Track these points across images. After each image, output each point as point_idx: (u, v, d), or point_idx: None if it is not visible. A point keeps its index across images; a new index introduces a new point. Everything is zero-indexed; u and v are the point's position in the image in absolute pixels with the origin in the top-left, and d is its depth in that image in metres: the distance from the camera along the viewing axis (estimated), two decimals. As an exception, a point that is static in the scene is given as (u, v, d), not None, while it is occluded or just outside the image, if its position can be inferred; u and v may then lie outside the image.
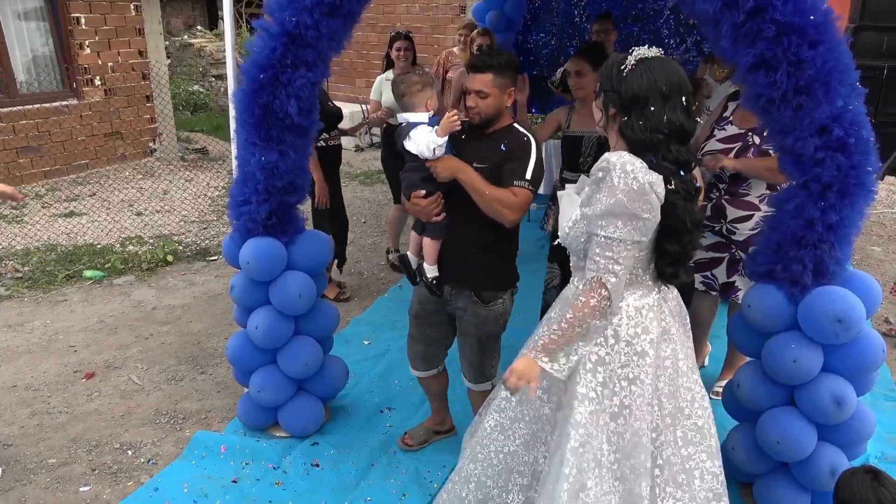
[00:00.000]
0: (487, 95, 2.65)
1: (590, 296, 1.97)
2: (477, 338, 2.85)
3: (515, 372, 2.02)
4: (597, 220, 1.95)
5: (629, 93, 1.96)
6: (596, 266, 1.96)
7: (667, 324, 2.13)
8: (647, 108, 1.94)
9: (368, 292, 5.10)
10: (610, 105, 2.03)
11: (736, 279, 3.41)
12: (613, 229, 1.92)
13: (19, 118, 7.39)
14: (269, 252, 3.04)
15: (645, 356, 2.05)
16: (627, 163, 1.91)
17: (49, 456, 3.21)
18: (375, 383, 3.84)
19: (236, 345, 3.26)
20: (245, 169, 3.04)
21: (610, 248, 1.94)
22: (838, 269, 2.49)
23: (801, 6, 2.22)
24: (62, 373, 3.93)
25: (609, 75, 2.01)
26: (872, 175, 2.37)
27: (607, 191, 1.92)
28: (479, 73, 2.66)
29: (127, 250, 5.78)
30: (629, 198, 1.89)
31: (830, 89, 2.27)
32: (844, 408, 2.46)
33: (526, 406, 2.28)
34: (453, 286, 2.83)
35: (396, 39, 5.04)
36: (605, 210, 1.92)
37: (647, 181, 1.90)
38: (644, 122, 1.95)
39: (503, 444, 2.34)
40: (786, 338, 2.51)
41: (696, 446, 2.13)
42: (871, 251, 6.00)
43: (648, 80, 1.94)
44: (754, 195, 3.26)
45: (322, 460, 3.18)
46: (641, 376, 2.05)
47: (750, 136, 3.22)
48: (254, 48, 2.85)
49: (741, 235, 3.31)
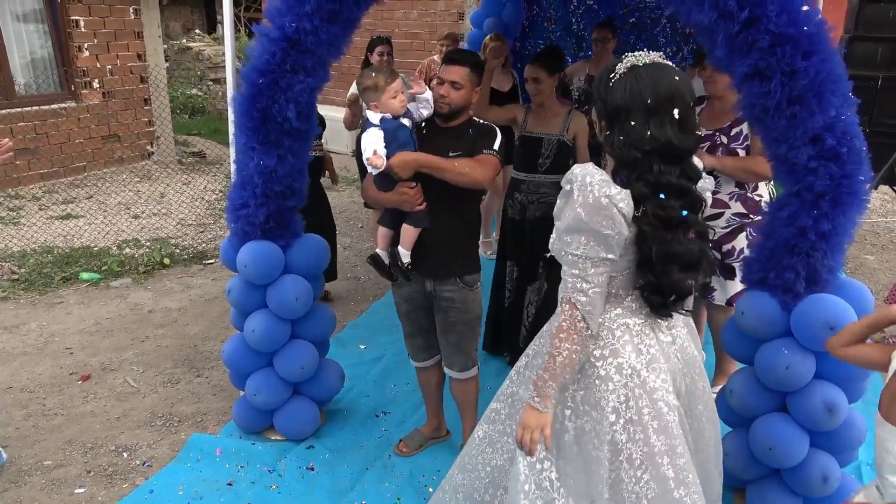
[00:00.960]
0: (462, 87, 2.78)
1: (561, 318, 1.86)
2: (467, 322, 2.95)
3: (527, 428, 1.88)
4: (563, 236, 1.86)
5: (612, 104, 1.84)
6: (564, 286, 1.86)
7: (654, 351, 1.96)
8: (628, 123, 1.81)
9: (364, 297, 5.11)
10: (598, 116, 1.93)
11: (711, 279, 3.43)
12: (577, 246, 1.82)
13: (17, 120, 7.39)
14: (267, 255, 3.06)
15: (608, 381, 1.92)
16: (587, 175, 1.81)
17: (44, 458, 3.21)
18: (371, 387, 3.85)
19: (233, 348, 3.27)
20: (243, 173, 3.06)
21: (576, 265, 1.83)
22: (831, 277, 2.52)
23: (795, 17, 2.25)
24: (58, 375, 3.93)
25: (598, 84, 1.90)
26: (865, 184, 2.40)
27: (570, 205, 1.83)
28: (456, 66, 2.80)
29: (124, 253, 5.78)
30: (586, 212, 1.78)
31: (824, 99, 2.30)
32: (836, 414, 2.48)
33: (515, 421, 2.20)
34: (438, 276, 2.88)
35: (378, 44, 5.10)
36: (567, 225, 1.83)
37: (602, 194, 1.77)
38: (624, 137, 1.81)
39: (490, 457, 2.30)
40: (778, 345, 2.53)
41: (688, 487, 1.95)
42: (865, 260, 6.04)
43: (632, 92, 1.80)
44: (724, 193, 3.31)
45: (317, 463, 3.19)
46: (602, 402, 1.92)
47: (718, 136, 3.29)
48: (253, 53, 2.87)
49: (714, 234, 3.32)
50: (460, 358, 3.01)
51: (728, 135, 3.26)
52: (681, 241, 1.86)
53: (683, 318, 2.08)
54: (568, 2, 6.61)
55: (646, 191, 1.81)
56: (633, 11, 6.38)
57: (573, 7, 6.62)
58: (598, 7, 6.55)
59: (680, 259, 1.87)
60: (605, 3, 6.50)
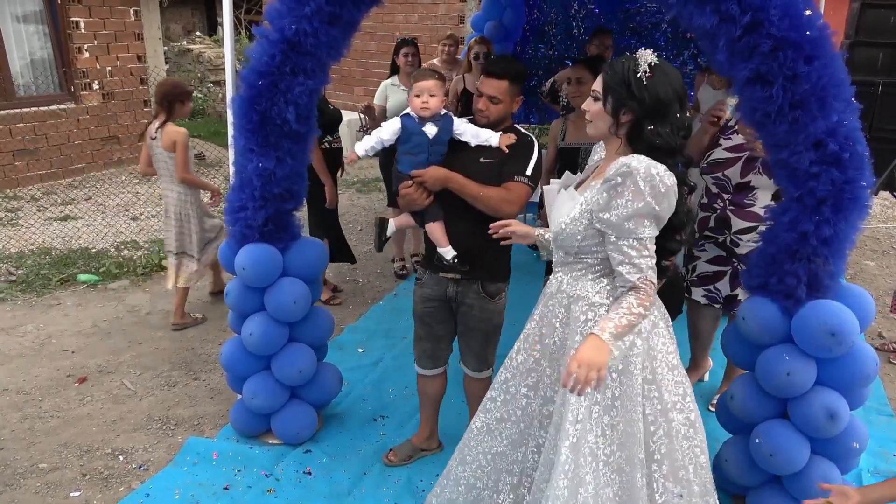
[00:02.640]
0: (500, 102, 2.72)
1: (649, 292, 1.97)
2: (484, 332, 2.92)
3: (584, 363, 1.85)
4: (624, 224, 1.95)
5: (654, 100, 1.96)
6: (638, 268, 1.96)
7: (655, 317, 2.13)
8: (672, 114, 1.98)
9: (363, 300, 5.10)
10: (623, 111, 2.00)
11: (739, 292, 3.40)
12: (642, 230, 1.95)
13: (16, 121, 7.39)
14: (265, 258, 3.04)
15: (633, 347, 2.05)
16: (651, 166, 1.93)
17: (40, 460, 3.19)
18: (369, 391, 3.83)
19: (230, 351, 3.25)
20: (242, 175, 3.04)
21: (644, 247, 1.97)
22: (832, 282, 2.50)
23: (797, 21, 2.24)
24: (55, 377, 3.91)
25: (625, 81, 1.98)
26: (867, 190, 2.39)
27: (632, 195, 1.92)
28: (495, 79, 2.71)
29: (122, 255, 5.77)
30: (657, 200, 1.92)
31: (826, 104, 2.29)
32: (837, 421, 2.47)
33: (512, 405, 2.29)
34: (459, 284, 2.85)
35: (403, 45, 5.11)
36: (632, 213, 1.93)
37: (672, 184, 1.95)
38: (671, 127, 1.98)
39: (490, 445, 2.34)
40: (779, 351, 2.51)
41: (690, 441, 2.14)
42: (865, 265, 6.03)
43: (672, 86, 1.97)
44: (759, 206, 3.25)
45: (314, 468, 3.17)
46: (630, 367, 2.05)
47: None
48: (253, 55, 2.86)
49: (745, 248, 3.27)
50: (474, 359, 3.00)
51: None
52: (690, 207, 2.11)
53: None
54: (568, 6, 6.62)
55: (683, 169, 2.03)
56: (634, 16, 6.40)
57: (574, 11, 6.63)
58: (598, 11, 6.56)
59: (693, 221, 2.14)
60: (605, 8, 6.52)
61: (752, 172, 3.21)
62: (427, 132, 2.73)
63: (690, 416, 2.14)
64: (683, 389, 2.14)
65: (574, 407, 2.03)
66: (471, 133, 2.75)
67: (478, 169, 2.72)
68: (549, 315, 2.22)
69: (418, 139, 2.73)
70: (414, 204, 2.76)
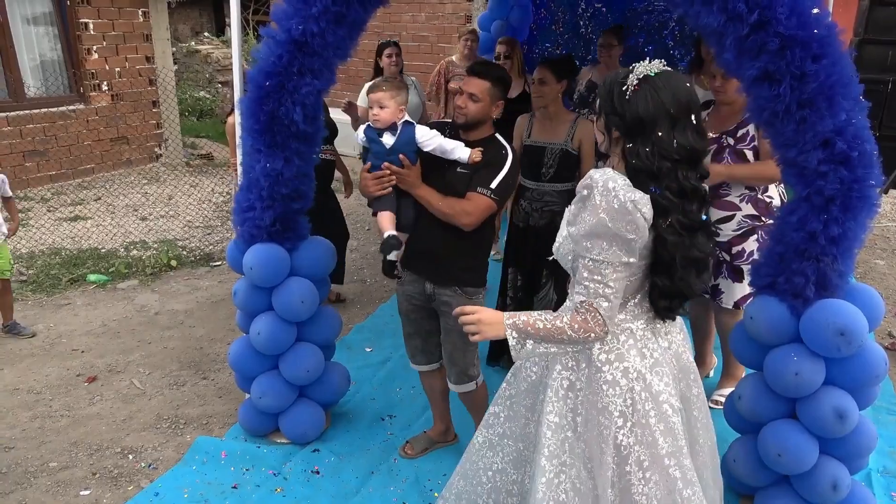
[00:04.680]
0: (479, 101, 2.76)
1: (580, 318, 1.85)
2: (461, 332, 2.86)
3: (481, 320, 1.94)
4: (582, 241, 1.84)
5: (634, 117, 1.81)
6: (586, 291, 1.85)
7: (657, 355, 1.98)
8: (655, 134, 1.80)
9: (371, 299, 5.11)
10: (612, 129, 1.89)
11: (720, 282, 3.41)
12: (598, 251, 1.81)
13: (26, 122, 7.43)
14: (272, 258, 3.05)
15: (615, 385, 1.92)
16: (609, 180, 1.80)
17: (50, 459, 3.21)
18: (377, 390, 3.84)
19: (238, 350, 3.27)
20: (250, 175, 3.05)
21: (598, 270, 1.82)
22: (841, 281, 2.49)
23: (805, 20, 2.23)
24: (64, 376, 3.94)
25: (609, 96, 1.87)
26: (875, 189, 2.38)
27: (590, 210, 1.81)
28: (478, 78, 2.77)
29: (131, 255, 5.80)
30: (611, 217, 1.77)
31: (834, 103, 2.28)
32: (846, 421, 2.46)
33: (513, 422, 2.22)
34: (436, 283, 2.87)
35: (386, 46, 5.13)
36: (588, 230, 1.81)
37: (628, 199, 1.77)
38: (651, 148, 1.80)
39: (491, 462, 2.28)
40: (788, 350, 2.50)
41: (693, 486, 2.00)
42: (875, 264, 5.99)
43: (655, 103, 1.79)
44: (734, 195, 3.29)
45: (322, 467, 3.18)
46: (610, 407, 1.91)
47: (724, 139, 3.27)
48: (260, 55, 2.87)
49: (725, 236, 3.32)
50: (455, 371, 2.99)
51: (735, 136, 3.24)
52: (699, 245, 1.89)
53: (679, 323, 2.10)
54: (576, 5, 6.61)
55: (672, 199, 1.82)
56: (642, 15, 6.37)
57: (581, 10, 6.61)
58: (606, 10, 6.54)
59: (699, 263, 1.90)
60: (613, 7, 6.49)
61: (723, 163, 3.25)
62: (384, 142, 2.77)
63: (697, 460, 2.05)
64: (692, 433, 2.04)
65: (550, 441, 1.98)
66: (440, 149, 2.77)
67: (453, 178, 2.78)
68: None
69: (377, 148, 2.80)
70: (367, 190, 2.84)
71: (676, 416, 1.97)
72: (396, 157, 2.76)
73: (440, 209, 2.74)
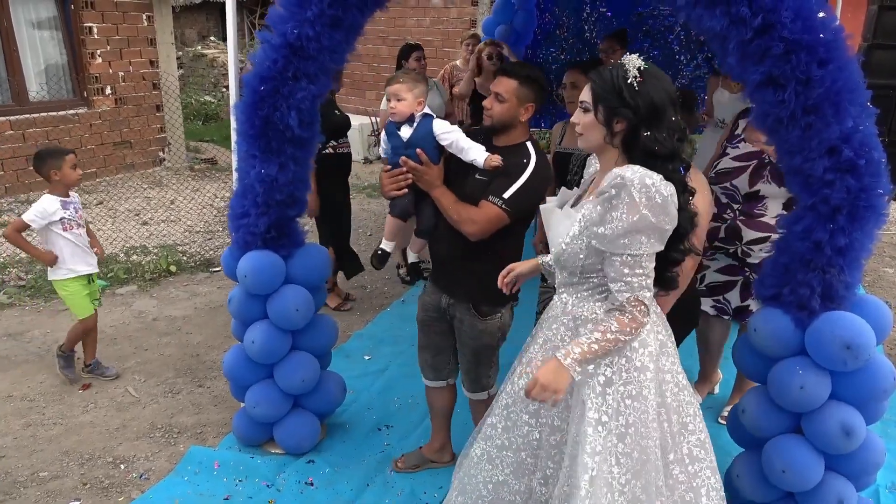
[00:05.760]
0: (505, 101, 2.62)
1: (634, 313, 1.90)
2: (473, 350, 2.83)
3: (540, 383, 1.89)
4: (618, 240, 1.87)
5: (648, 105, 1.89)
6: (629, 286, 1.89)
7: (663, 336, 2.07)
8: (668, 118, 1.91)
9: (371, 306, 5.05)
10: (617, 119, 1.93)
11: (750, 302, 3.32)
12: (638, 245, 1.86)
13: (29, 126, 7.42)
14: (267, 266, 3.00)
15: (645, 371, 1.98)
16: (646, 177, 1.85)
17: (41, 469, 3.16)
18: (374, 400, 3.78)
19: (233, 359, 3.21)
20: (245, 181, 3.00)
21: (638, 265, 1.88)
22: (848, 293, 2.42)
23: (810, 24, 2.17)
24: (58, 383, 3.89)
25: (615, 89, 1.91)
26: (883, 197, 2.30)
27: (627, 208, 1.84)
28: (505, 77, 2.64)
29: (131, 260, 5.76)
30: (653, 213, 1.84)
31: (840, 109, 2.21)
32: (853, 437, 2.38)
33: (513, 433, 2.19)
34: (451, 296, 2.80)
35: (414, 50, 5.12)
36: (627, 228, 1.85)
37: (669, 193, 1.86)
38: (668, 132, 1.91)
39: (491, 474, 2.24)
40: (793, 363, 2.43)
41: (701, 462, 2.07)
42: (884, 273, 5.90)
43: (664, 90, 1.91)
44: (770, 216, 3.17)
45: (317, 478, 3.12)
46: (644, 392, 1.97)
47: (766, 155, 3.15)
48: (255, 59, 2.83)
49: (756, 258, 3.20)
50: (468, 380, 2.94)
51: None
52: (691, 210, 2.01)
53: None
54: (580, 9, 6.55)
55: (681, 175, 1.94)
56: (647, 19, 6.31)
57: (586, 14, 6.55)
58: (611, 15, 6.48)
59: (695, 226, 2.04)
60: (618, 11, 6.43)
61: (761, 182, 3.13)
62: (402, 135, 2.71)
63: (701, 436, 2.08)
64: (693, 410, 2.08)
65: (591, 438, 1.95)
66: (457, 146, 2.67)
67: (473, 184, 2.67)
68: (553, 338, 2.12)
69: (395, 141, 2.73)
70: (383, 190, 2.77)
71: (685, 392, 2.08)
72: (413, 152, 2.67)
73: (449, 213, 2.63)
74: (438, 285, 2.85)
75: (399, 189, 2.73)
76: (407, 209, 2.80)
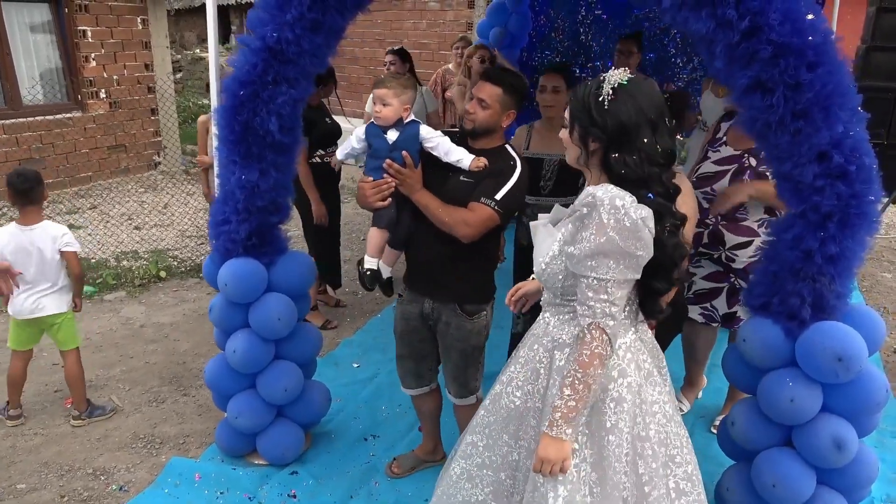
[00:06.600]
0: (489, 107, 2.62)
1: (592, 346, 1.79)
2: (461, 351, 2.79)
3: (546, 461, 1.81)
4: (585, 261, 1.78)
5: (616, 125, 1.78)
6: (591, 311, 1.79)
7: (648, 365, 1.98)
8: (639, 140, 1.78)
9: (361, 312, 4.99)
10: (590, 140, 1.84)
11: (738, 309, 3.28)
12: (605, 270, 1.76)
13: (23, 130, 7.38)
14: (248, 273, 2.94)
15: (622, 402, 1.89)
16: (616, 198, 1.75)
17: (19, 481, 3.10)
18: (361, 409, 3.72)
19: (215, 368, 3.15)
20: (225, 187, 2.95)
21: (603, 290, 1.78)
22: (839, 303, 2.35)
23: (799, 26, 2.11)
24: (42, 392, 3.84)
25: (586, 107, 1.82)
26: (875, 204, 2.24)
27: (595, 229, 1.76)
28: (490, 84, 2.63)
29: (121, 265, 5.70)
30: (621, 236, 1.74)
31: (830, 114, 2.15)
32: (845, 451, 2.32)
33: (494, 452, 2.13)
34: (435, 300, 2.76)
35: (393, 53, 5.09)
36: (594, 250, 1.76)
37: (639, 217, 1.75)
38: (638, 155, 1.78)
39: (470, 493, 2.17)
40: (783, 375, 2.36)
41: (688, 496, 1.98)
42: (882, 278, 5.82)
43: (636, 109, 1.78)
44: (752, 220, 3.14)
45: (300, 490, 3.05)
46: (619, 424, 1.88)
47: (746, 158, 3.10)
48: (235, 64, 2.77)
49: (741, 263, 3.18)
50: (455, 385, 2.89)
51: (757, 157, 3.06)
52: (680, 241, 1.90)
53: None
54: (576, 12, 6.49)
55: (664, 203, 1.83)
56: (643, 22, 6.24)
57: (581, 17, 6.49)
58: (606, 17, 6.42)
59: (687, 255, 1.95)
60: (614, 14, 6.38)
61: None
62: (388, 137, 2.66)
63: (688, 468, 1.99)
64: (681, 441, 1.99)
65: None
66: (443, 149, 2.65)
67: (456, 186, 2.63)
68: (533, 360, 2.05)
69: (379, 143, 2.67)
70: (364, 201, 2.70)
71: (671, 424, 1.98)
72: (399, 155, 2.62)
73: (439, 217, 2.58)
74: (419, 291, 2.80)
75: (384, 199, 2.67)
76: (393, 218, 2.73)
